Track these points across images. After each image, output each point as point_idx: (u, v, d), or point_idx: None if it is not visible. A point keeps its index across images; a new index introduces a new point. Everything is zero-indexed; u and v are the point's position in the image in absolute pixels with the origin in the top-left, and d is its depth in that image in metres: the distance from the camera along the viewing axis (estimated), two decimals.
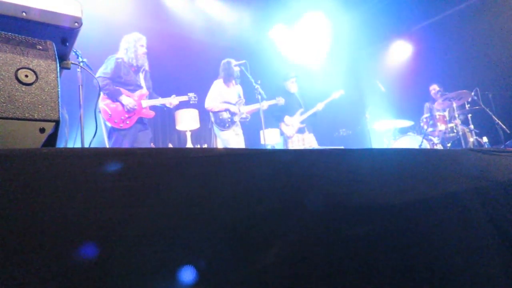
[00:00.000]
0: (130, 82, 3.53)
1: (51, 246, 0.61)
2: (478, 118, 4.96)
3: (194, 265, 0.72)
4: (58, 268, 0.60)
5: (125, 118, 3.45)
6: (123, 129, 3.45)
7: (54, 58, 0.95)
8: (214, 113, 4.28)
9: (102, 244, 0.65)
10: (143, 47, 3.64)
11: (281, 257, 0.86)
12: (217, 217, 0.80)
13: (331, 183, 1.05)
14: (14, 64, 0.86)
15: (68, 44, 1.27)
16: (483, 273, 1.21)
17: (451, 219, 1.25)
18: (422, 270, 1.09)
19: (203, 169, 0.84)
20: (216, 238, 0.78)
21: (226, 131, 4.22)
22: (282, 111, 4.81)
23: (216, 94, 4.27)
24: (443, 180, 1.36)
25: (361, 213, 1.06)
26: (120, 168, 0.74)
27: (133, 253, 0.67)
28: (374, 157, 1.26)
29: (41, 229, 0.62)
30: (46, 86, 0.89)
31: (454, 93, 4.80)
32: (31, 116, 0.85)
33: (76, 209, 0.66)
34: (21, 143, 0.84)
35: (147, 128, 3.73)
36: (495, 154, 1.68)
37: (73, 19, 1.17)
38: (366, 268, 0.98)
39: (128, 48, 3.57)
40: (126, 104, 3.42)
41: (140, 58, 3.60)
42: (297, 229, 0.92)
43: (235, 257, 0.79)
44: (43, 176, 0.66)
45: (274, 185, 0.94)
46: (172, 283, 0.69)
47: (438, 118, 4.91)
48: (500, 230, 1.34)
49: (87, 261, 0.63)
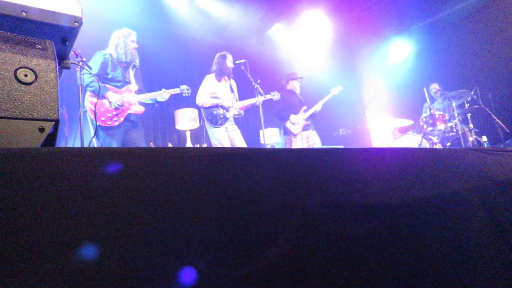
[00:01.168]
0: (117, 78, 3.40)
1: (50, 245, 0.61)
2: (477, 117, 4.96)
3: (194, 264, 0.72)
4: (57, 268, 0.60)
5: (113, 115, 3.29)
6: (111, 128, 3.28)
7: (53, 58, 0.94)
8: (205, 109, 4.13)
9: (102, 244, 0.65)
10: (134, 43, 3.53)
11: (281, 256, 0.86)
12: (217, 217, 0.80)
13: (331, 183, 1.05)
14: (14, 63, 0.86)
15: (68, 44, 1.26)
16: (483, 271, 1.21)
17: (451, 218, 1.26)
18: (423, 269, 1.09)
19: (203, 169, 0.84)
20: (216, 237, 0.78)
21: (218, 129, 4.08)
22: (286, 110, 4.75)
23: (207, 90, 4.13)
24: (442, 180, 1.36)
25: (361, 212, 1.06)
26: (120, 168, 0.74)
27: (133, 252, 0.67)
28: (373, 156, 1.26)
29: (40, 229, 0.62)
30: (46, 85, 0.89)
31: (453, 92, 4.81)
32: (31, 116, 0.85)
33: (75, 208, 0.66)
34: (21, 143, 0.84)
35: (138, 125, 3.56)
36: (495, 153, 1.68)
37: (73, 19, 1.17)
38: (366, 267, 0.99)
39: (118, 44, 3.47)
40: (113, 101, 3.28)
41: (130, 53, 3.49)
42: (297, 229, 0.92)
43: (235, 256, 0.79)
44: (42, 176, 0.66)
45: (273, 184, 0.94)
46: (172, 282, 0.69)
47: (437, 118, 4.91)
48: (500, 229, 1.34)
49: (87, 260, 0.63)
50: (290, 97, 4.81)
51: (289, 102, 4.78)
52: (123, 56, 3.45)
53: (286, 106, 4.74)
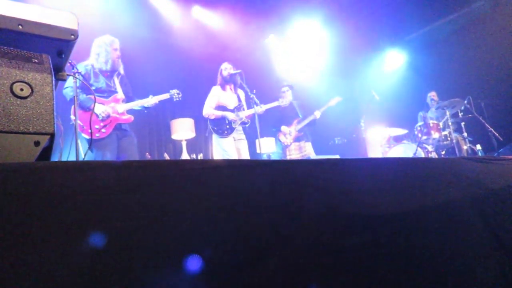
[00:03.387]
0: (102, 88, 3.27)
1: (46, 260, 0.61)
2: (471, 126, 5.02)
3: (195, 275, 0.72)
4: (50, 281, 0.59)
5: (100, 127, 3.18)
6: (101, 139, 3.18)
7: (49, 72, 0.95)
8: (211, 121, 4.16)
9: (98, 258, 0.64)
10: (117, 51, 3.36)
11: (279, 266, 0.85)
12: (214, 229, 0.80)
13: (327, 193, 1.06)
14: (10, 77, 0.86)
15: (64, 56, 1.27)
16: (480, 280, 1.21)
17: (446, 228, 1.26)
18: (419, 279, 1.09)
19: (200, 181, 0.84)
20: (214, 250, 0.78)
21: (226, 139, 4.09)
22: (278, 121, 4.82)
23: (212, 101, 4.16)
24: (438, 189, 1.37)
25: (357, 223, 1.06)
26: (116, 182, 0.74)
27: (131, 266, 0.66)
28: (369, 166, 1.27)
29: (36, 243, 0.61)
30: (41, 99, 0.89)
31: (447, 101, 4.87)
32: (26, 130, 0.85)
33: (71, 222, 0.65)
34: (16, 157, 0.83)
35: (130, 134, 3.45)
36: (489, 162, 1.70)
37: (69, 32, 1.18)
38: (362, 277, 0.98)
39: (99, 53, 3.31)
40: (99, 112, 3.16)
41: (113, 62, 3.32)
42: (294, 239, 0.92)
43: (234, 267, 0.79)
44: (37, 190, 0.65)
45: (270, 196, 0.94)
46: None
47: (431, 126, 4.96)
48: (496, 238, 1.35)
49: (82, 276, 0.62)
50: (283, 108, 4.86)
51: (282, 113, 4.85)
52: (104, 65, 3.30)
53: (278, 117, 4.82)
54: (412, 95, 6.24)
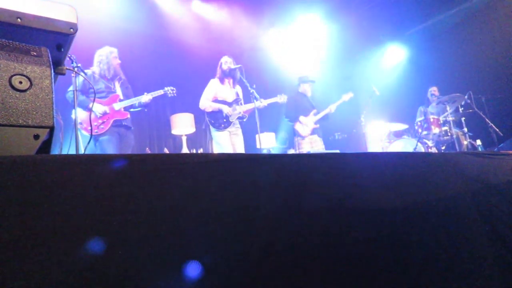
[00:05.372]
0: (101, 89, 3.63)
1: (45, 252, 0.61)
2: (471, 121, 5.00)
3: (193, 269, 0.72)
4: (52, 275, 0.59)
5: (99, 123, 3.53)
6: (101, 134, 3.51)
7: (48, 65, 0.94)
8: (208, 113, 4.15)
9: (97, 251, 0.64)
10: (117, 59, 3.77)
11: (280, 261, 0.85)
12: (215, 223, 0.80)
13: (328, 188, 1.06)
14: (8, 70, 0.85)
15: (63, 50, 1.26)
16: (480, 274, 1.21)
17: (446, 222, 1.26)
18: (420, 274, 1.09)
19: (199, 175, 0.84)
20: (215, 244, 0.78)
21: (222, 133, 4.09)
22: (296, 111, 4.75)
23: (209, 94, 4.15)
24: (438, 184, 1.37)
25: (358, 217, 1.06)
26: (115, 174, 0.74)
27: (130, 259, 0.66)
28: (370, 161, 1.27)
29: (35, 236, 0.61)
30: (41, 92, 0.89)
31: (447, 96, 4.85)
32: (25, 123, 0.84)
33: (70, 215, 0.65)
34: (15, 150, 0.83)
35: (129, 128, 3.77)
36: (489, 157, 1.70)
37: (68, 25, 1.17)
38: (364, 271, 0.99)
39: (101, 61, 3.71)
40: (97, 110, 3.51)
41: (114, 69, 3.73)
42: (296, 234, 0.92)
43: (234, 262, 0.79)
44: (37, 183, 0.65)
45: (271, 190, 0.94)
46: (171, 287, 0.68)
47: (432, 121, 4.94)
48: (496, 231, 1.35)
49: (87, 265, 0.62)
50: (301, 99, 4.83)
51: (300, 104, 4.79)
52: (106, 71, 3.70)
53: (297, 108, 4.74)
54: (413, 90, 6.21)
